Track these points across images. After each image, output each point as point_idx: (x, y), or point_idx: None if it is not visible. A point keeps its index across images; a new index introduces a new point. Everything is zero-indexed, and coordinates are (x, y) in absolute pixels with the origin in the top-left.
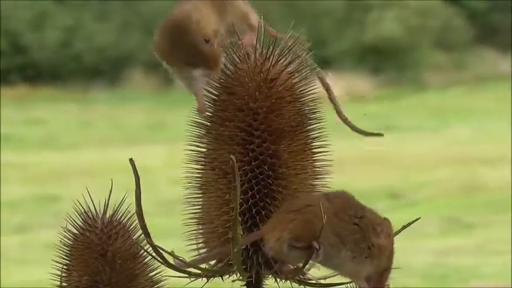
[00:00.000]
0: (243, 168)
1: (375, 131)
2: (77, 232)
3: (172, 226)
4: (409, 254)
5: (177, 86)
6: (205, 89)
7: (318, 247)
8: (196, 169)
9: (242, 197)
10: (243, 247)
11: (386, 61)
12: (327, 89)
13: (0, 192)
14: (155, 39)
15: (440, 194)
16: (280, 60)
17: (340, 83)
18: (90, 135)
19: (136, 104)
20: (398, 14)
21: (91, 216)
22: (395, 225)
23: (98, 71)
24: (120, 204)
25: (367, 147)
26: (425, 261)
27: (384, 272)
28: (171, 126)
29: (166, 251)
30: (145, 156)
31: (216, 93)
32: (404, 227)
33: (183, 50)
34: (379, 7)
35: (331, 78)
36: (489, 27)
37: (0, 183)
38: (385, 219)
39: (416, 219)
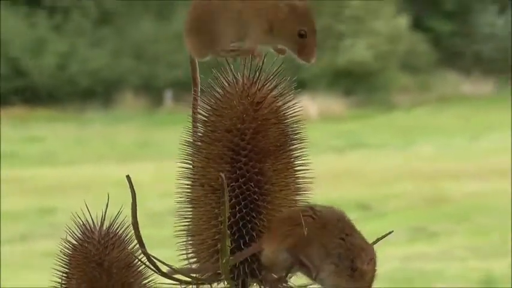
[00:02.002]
0: (231, 184)
1: None
2: (76, 243)
3: (161, 236)
4: (378, 261)
5: (165, 107)
6: (196, 112)
7: (307, 262)
8: (187, 185)
9: (230, 211)
10: (241, 259)
11: (357, 84)
12: None
13: (1, 203)
14: None
15: (407, 206)
16: (266, 84)
17: (314, 104)
18: (85, 152)
19: (128, 124)
20: (368, 40)
21: (89, 228)
22: (367, 234)
23: (92, 93)
24: (116, 216)
25: (338, 162)
26: (393, 267)
27: None
28: (159, 144)
29: (159, 260)
30: (135, 171)
31: (206, 114)
32: (378, 239)
33: None
34: (351, 34)
35: (306, 100)
36: (452, 51)
37: (0, 195)
38: (370, 244)
39: (390, 232)
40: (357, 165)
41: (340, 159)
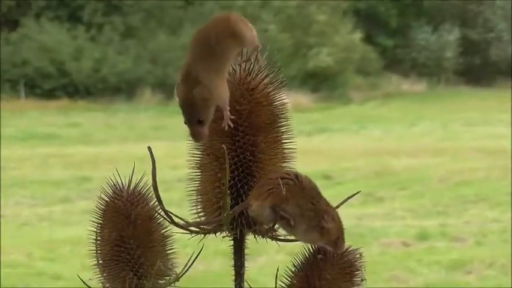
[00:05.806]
0: (231, 154)
1: None
2: (108, 200)
3: (171, 198)
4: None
5: (176, 101)
6: None
7: (286, 215)
8: (196, 154)
9: (230, 175)
10: (236, 213)
11: (322, 83)
12: None
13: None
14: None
15: (360, 176)
16: (259, 74)
17: (289, 99)
18: (113, 134)
19: (146, 113)
20: (331, 50)
21: (119, 188)
22: (329, 198)
23: (119, 90)
24: (140, 180)
25: (307, 143)
26: (349, 224)
27: (336, 240)
28: (170, 129)
29: (174, 215)
30: (151, 149)
31: None
32: (347, 199)
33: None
34: (317, 45)
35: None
36: (394, 59)
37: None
38: (332, 208)
39: (357, 192)
40: (321, 145)
41: (309, 141)
